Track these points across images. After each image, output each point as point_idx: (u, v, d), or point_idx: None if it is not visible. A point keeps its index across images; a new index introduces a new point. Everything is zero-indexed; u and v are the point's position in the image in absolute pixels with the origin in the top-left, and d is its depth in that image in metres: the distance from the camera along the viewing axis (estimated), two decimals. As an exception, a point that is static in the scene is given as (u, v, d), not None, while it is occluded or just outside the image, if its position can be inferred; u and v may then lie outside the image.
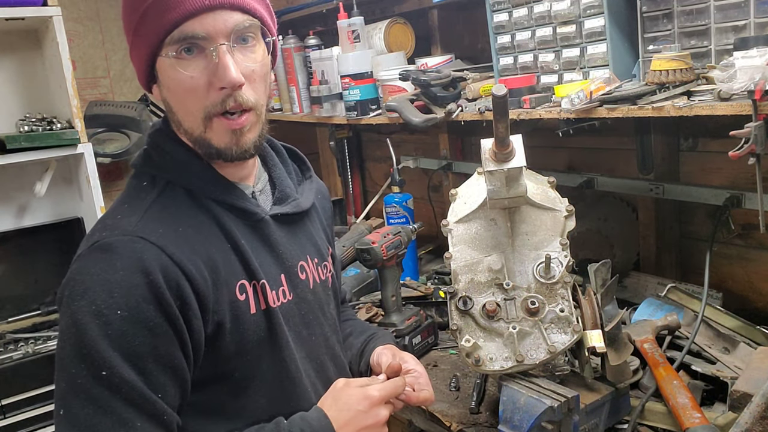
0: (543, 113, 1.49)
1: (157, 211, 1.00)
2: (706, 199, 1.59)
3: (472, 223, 1.31)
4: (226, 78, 0.95)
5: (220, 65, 0.95)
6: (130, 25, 0.99)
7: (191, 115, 1.00)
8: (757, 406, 1.06)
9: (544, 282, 1.24)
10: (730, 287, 1.67)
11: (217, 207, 1.04)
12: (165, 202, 1.02)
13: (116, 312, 0.90)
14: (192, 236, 0.99)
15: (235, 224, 1.05)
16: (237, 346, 1.02)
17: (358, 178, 2.98)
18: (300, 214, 1.18)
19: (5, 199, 2.36)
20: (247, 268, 1.04)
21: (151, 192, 1.03)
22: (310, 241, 1.20)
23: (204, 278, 0.97)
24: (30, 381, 2.01)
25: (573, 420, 1.15)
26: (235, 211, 1.06)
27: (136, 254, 0.93)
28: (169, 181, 1.04)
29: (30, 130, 2.07)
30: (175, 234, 0.98)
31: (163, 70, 0.99)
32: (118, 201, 1.05)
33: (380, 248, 1.65)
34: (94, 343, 0.89)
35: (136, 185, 1.06)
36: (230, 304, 1.01)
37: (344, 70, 2.06)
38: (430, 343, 1.72)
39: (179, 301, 0.94)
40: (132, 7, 0.98)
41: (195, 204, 1.03)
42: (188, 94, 0.98)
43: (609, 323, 1.28)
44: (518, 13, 1.61)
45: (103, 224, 1.00)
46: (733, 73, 1.10)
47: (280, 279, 1.10)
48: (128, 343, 0.90)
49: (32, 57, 2.33)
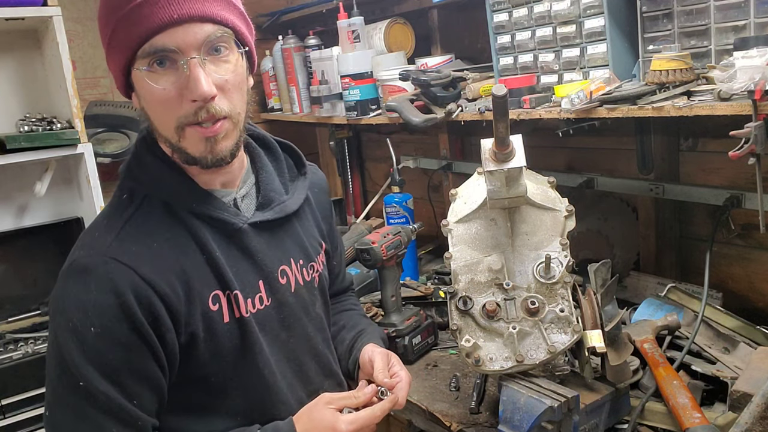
0: (543, 113, 1.48)
1: (132, 229, 1.03)
2: (706, 199, 1.59)
3: (472, 223, 1.31)
4: (197, 91, 0.95)
5: (191, 78, 0.95)
6: (104, 37, 1.00)
7: (165, 125, 1.01)
8: (757, 406, 1.06)
9: (544, 282, 1.24)
10: (730, 287, 1.67)
11: (193, 219, 1.06)
12: (141, 218, 1.05)
13: (90, 329, 0.96)
14: (166, 252, 1.03)
15: (211, 235, 1.07)
16: (211, 353, 1.06)
17: (358, 178, 2.98)
18: (285, 218, 1.17)
19: (5, 199, 2.36)
20: (221, 279, 1.07)
21: (129, 207, 1.06)
22: (295, 242, 1.21)
23: (176, 293, 1.02)
24: (29, 381, 2.00)
25: (573, 420, 1.15)
26: (212, 222, 1.07)
27: (108, 275, 0.97)
28: (147, 194, 1.07)
29: (30, 130, 2.07)
30: (149, 251, 1.01)
31: (137, 82, 1.00)
32: (101, 214, 1.10)
33: (380, 248, 1.65)
34: (71, 357, 0.96)
35: (117, 198, 1.09)
36: (203, 315, 1.05)
37: (344, 70, 2.06)
38: (430, 343, 1.72)
39: (151, 318, 0.99)
40: (105, 19, 0.99)
41: (171, 217, 1.06)
42: (161, 106, 0.99)
43: (609, 323, 1.28)
44: (518, 13, 1.61)
45: (83, 241, 1.05)
46: (733, 73, 1.10)
47: (258, 286, 1.12)
48: (103, 358, 0.97)
49: (32, 57, 2.33)
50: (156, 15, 0.92)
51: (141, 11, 0.93)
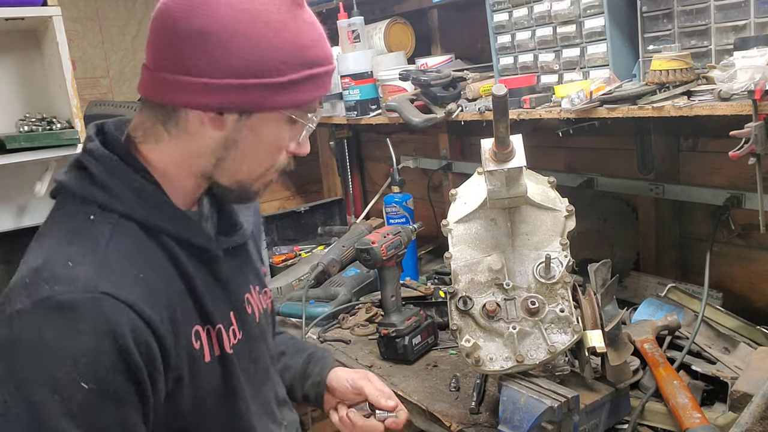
0: (543, 113, 1.48)
1: (115, 256, 0.87)
2: (706, 199, 1.59)
3: (472, 223, 1.31)
4: (306, 149, 1.04)
5: (306, 141, 1.03)
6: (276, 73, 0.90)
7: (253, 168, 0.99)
8: (757, 406, 1.06)
9: (544, 282, 1.24)
10: (730, 287, 1.67)
11: (171, 242, 0.94)
12: (120, 242, 0.88)
13: (81, 385, 0.79)
14: (152, 282, 0.89)
15: (189, 261, 0.95)
16: (193, 399, 0.94)
17: (357, 178, 2.97)
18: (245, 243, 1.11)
19: (5, 199, 2.36)
20: (202, 312, 0.96)
21: (103, 229, 0.89)
22: (251, 268, 1.14)
23: (168, 332, 0.88)
24: (30, 381, 2.00)
25: (573, 420, 1.15)
26: (190, 248, 0.96)
27: (104, 316, 0.81)
28: (123, 214, 0.91)
29: (30, 130, 2.07)
30: (138, 283, 0.86)
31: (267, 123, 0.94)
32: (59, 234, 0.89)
33: (380, 248, 1.65)
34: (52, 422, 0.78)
35: (80, 216, 0.90)
36: (188, 354, 0.93)
37: (344, 70, 2.06)
38: (430, 344, 1.72)
39: (148, 364, 0.85)
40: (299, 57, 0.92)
41: (150, 241, 0.92)
42: (271, 151, 0.99)
43: (609, 323, 1.28)
44: (518, 13, 1.61)
45: (50, 272, 0.83)
46: (733, 73, 1.10)
47: (230, 318, 1.03)
48: (94, 420, 0.81)
49: (32, 57, 2.33)
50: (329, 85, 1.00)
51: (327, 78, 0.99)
